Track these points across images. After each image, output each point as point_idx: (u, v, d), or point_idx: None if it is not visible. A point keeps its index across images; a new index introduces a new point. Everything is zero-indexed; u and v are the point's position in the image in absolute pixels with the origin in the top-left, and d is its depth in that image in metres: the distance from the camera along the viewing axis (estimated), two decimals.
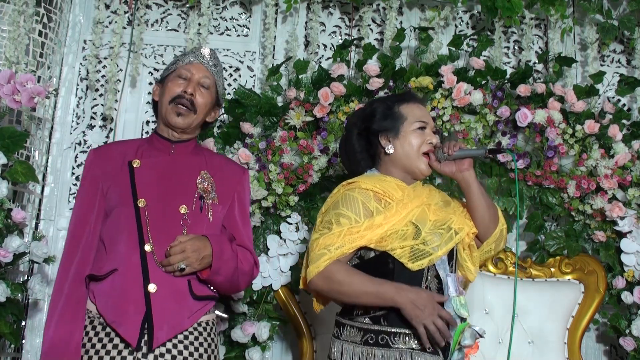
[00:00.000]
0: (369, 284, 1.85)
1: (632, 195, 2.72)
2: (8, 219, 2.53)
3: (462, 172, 2.01)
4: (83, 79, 3.10)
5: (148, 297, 1.89)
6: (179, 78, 2.09)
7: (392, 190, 1.95)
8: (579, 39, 3.21)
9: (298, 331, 2.68)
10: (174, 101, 2.06)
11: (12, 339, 2.51)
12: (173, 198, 2.00)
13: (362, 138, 2.08)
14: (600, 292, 2.73)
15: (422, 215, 1.94)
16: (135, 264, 1.92)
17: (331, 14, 3.22)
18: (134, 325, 1.87)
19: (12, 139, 2.55)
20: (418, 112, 2.05)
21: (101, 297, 1.93)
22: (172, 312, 1.91)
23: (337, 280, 1.86)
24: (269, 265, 2.66)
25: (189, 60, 2.12)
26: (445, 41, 3.02)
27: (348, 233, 1.88)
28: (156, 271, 1.92)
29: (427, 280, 1.90)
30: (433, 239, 1.90)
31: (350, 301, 1.90)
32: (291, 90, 2.81)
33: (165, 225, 1.96)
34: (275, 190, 2.69)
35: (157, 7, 3.19)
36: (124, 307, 1.89)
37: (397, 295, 1.81)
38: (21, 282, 2.69)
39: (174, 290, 1.93)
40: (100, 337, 1.90)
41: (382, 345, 1.83)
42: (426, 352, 1.83)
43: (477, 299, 2.64)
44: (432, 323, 1.80)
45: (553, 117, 2.76)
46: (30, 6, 2.81)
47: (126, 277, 1.91)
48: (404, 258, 1.87)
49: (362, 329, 1.87)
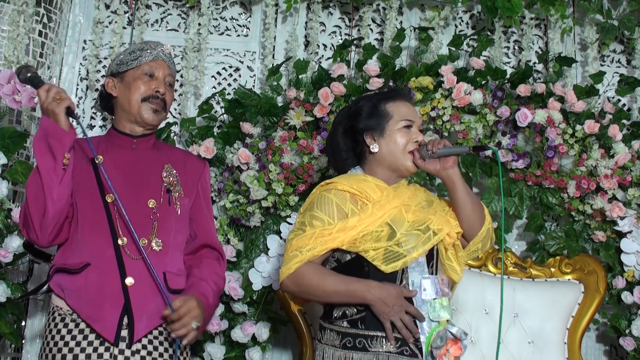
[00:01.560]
0: (339, 283, 1.86)
1: (632, 195, 2.72)
2: (8, 219, 2.53)
3: (447, 170, 1.97)
4: (83, 79, 3.10)
5: (126, 290, 1.88)
6: (144, 75, 2.06)
7: (370, 191, 1.94)
8: (579, 39, 3.21)
9: (298, 331, 2.67)
10: (147, 100, 2.04)
11: (12, 339, 2.51)
12: (140, 192, 2.00)
13: (348, 136, 2.07)
14: (600, 292, 2.73)
15: (399, 216, 1.92)
16: (110, 258, 1.90)
17: (331, 14, 3.22)
18: (111, 320, 1.85)
19: (12, 139, 2.56)
20: (404, 110, 2.02)
21: (73, 292, 1.89)
22: (150, 305, 1.90)
23: (307, 281, 1.88)
24: (269, 265, 2.66)
25: (153, 57, 2.08)
26: (445, 41, 3.02)
27: (320, 235, 1.89)
28: (131, 264, 1.91)
29: (402, 282, 1.88)
30: (408, 241, 1.88)
31: (323, 301, 1.93)
32: (291, 90, 2.81)
33: (136, 219, 1.94)
34: (275, 190, 2.69)
35: (157, 7, 3.19)
36: (100, 302, 1.86)
37: (367, 293, 1.82)
38: (21, 282, 2.69)
39: (150, 284, 1.92)
40: (74, 334, 1.87)
41: (359, 348, 1.84)
42: (404, 355, 1.82)
43: (477, 299, 2.64)
44: (398, 319, 1.80)
45: (553, 117, 2.76)
46: (30, 6, 2.81)
47: (101, 272, 1.89)
48: (377, 260, 1.86)
49: (340, 333, 1.88)
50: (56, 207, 1.87)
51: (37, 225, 1.88)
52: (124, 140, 2.08)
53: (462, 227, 2.01)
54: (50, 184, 1.85)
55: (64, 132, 1.85)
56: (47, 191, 1.85)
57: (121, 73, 2.08)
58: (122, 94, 2.07)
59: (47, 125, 1.86)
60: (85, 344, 1.86)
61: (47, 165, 1.85)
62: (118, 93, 2.09)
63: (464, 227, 2.01)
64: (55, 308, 1.93)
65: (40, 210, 1.86)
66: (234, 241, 2.69)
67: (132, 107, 2.05)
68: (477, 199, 2.02)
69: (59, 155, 1.85)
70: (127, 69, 2.07)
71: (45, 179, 1.84)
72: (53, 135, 1.85)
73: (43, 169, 1.85)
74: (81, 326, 1.88)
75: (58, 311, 1.92)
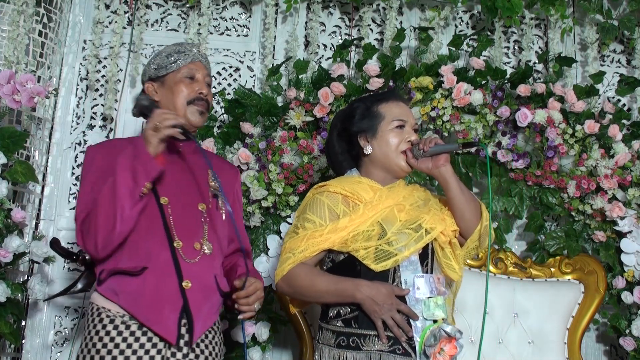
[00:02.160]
0: (330, 283, 1.89)
1: (632, 195, 2.72)
2: (8, 219, 2.53)
3: (439, 168, 1.97)
4: (83, 79, 3.10)
5: (184, 293, 1.87)
6: (186, 78, 2.06)
7: (363, 192, 1.96)
8: (579, 39, 3.21)
9: (298, 331, 2.68)
10: (192, 102, 2.04)
11: (12, 339, 2.51)
12: (191, 196, 2.00)
13: (343, 139, 2.10)
14: (600, 292, 2.73)
15: (391, 216, 1.93)
16: (166, 261, 1.88)
17: (331, 14, 3.22)
18: (172, 322, 1.84)
19: (12, 139, 2.55)
20: (396, 110, 2.04)
21: (129, 295, 1.86)
22: (204, 308, 1.91)
23: (300, 282, 1.91)
24: (269, 265, 2.67)
25: (192, 59, 2.09)
26: (445, 41, 3.02)
27: (311, 237, 1.92)
28: (187, 267, 1.90)
29: (394, 281, 1.89)
30: (399, 239, 1.89)
31: (316, 301, 1.97)
32: (291, 90, 2.81)
33: (189, 222, 1.95)
34: (275, 190, 2.69)
35: (157, 7, 3.19)
36: (160, 305, 1.85)
37: (356, 292, 1.84)
38: (21, 282, 2.69)
39: (204, 286, 1.92)
40: (125, 336, 1.84)
41: (353, 347, 1.85)
42: (396, 354, 1.83)
43: (477, 299, 2.64)
44: (390, 317, 1.81)
45: (553, 117, 2.76)
46: (30, 6, 2.81)
47: (159, 275, 1.87)
48: (368, 259, 1.88)
49: (335, 332, 1.90)
50: (123, 228, 1.83)
51: (102, 240, 1.84)
52: (170, 143, 2.02)
53: (458, 225, 2.02)
54: (123, 203, 1.81)
55: (152, 160, 1.83)
56: (119, 209, 1.81)
57: (161, 77, 2.07)
58: (166, 97, 2.06)
59: (140, 147, 1.83)
60: (137, 346, 1.84)
61: (127, 184, 1.81)
62: (160, 97, 2.07)
63: (459, 224, 2.01)
64: (102, 309, 1.89)
65: (108, 227, 1.82)
66: None
67: (178, 111, 2.02)
68: (472, 197, 2.02)
69: (140, 181, 1.82)
70: (167, 73, 2.06)
71: (119, 197, 1.81)
72: (142, 160, 1.82)
73: (121, 186, 1.81)
74: (132, 328, 1.85)
75: (106, 312, 1.88)
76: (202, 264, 1.93)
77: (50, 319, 2.88)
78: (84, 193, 1.95)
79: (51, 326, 2.88)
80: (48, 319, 2.88)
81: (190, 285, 1.88)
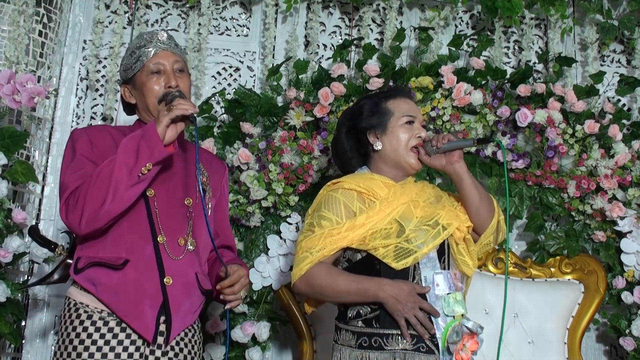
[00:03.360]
0: (351, 282, 1.86)
1: (632, 195, 2.73)
2: (8, 219, 2.53)
3: (453, 165, 1.96)
4: (83, 79, 3.10)
5: (164, 289, 1.84)
6: (152, 75, 1.95)
7: (377, 188, 1.94)
8: (579, 39, 3.21)
9: (298, 331, 2.68)
10: (162, 100, 1.94)
11: (12, 339, 2.51)
12: (178, 190, 1.95)
13: (351, 137, 2.08)
14: (600, 292, 2.73)
15: (407, 213, 1.92)
16: (149, 255, 1.84)
17: (331, 14, 3.22)
18: (150, 318, 1.81)
19: (12, 139, 2.55)
20: (405, 106, 2.03)
21: (109, 289, 1.81)
22: (184, 306, 1.88)
23: (319, 282, 1.88)
24: (269, 265, 2.67)
25: (154, 52, 1.96)
26: (445, 41, 3.02)
27: (329, 235, 1.89)
28: (169, 263, 1.86)
29: (414, 279, 1.88)
30: (417, 236, 1.88)
31: (335, 301, 1.93)
32: (291, 90, 2.81)
33: (174, 217, 1.91)
34: (275, 190, 2.69)
35: (157, 7, 3.19)
36: (139, 300, 1.80)
37: (379, 291, 1.82)
38: (21, 282, 2.69)
39: (185, 283, 1.88)
40: (103, 332, 1.80)
41: (375, 347, 1.83)
42: (420, 352, 1.81)
43: (477, 299, 2.64)
44: (412, 316, 1.80)
45: (553, 117, 2.76)
46: (30, 6, 2.81)
47: (140, 269, 1.82)
48: (388, 258, 1.86)
49: (356, 333, 1.87)
50: (113, 207, 1.75)
51: (88, 214, 1.75)
52: None
53: (472, 221, 2.01)
54: (119, 181, 1.73)
55: (158, 140, 1.75)
56: (112, 186, 1.73)
57: (131, 79, 2.00)
58: (139, 100, 1.99)
59: (149, 127, 1.76)
60: (115, 342, 1.79)
61: (126, 162, 1.73)
62: (136, 100, 2.00)
63: (473, 220, 2.01)
64: (80, 305, 1.84)
65: (98, 202, 1.74)
66: None
67: (153, 112, 1.96)
68: (485, 192, 2.02)
69: (142, 159, 1.74)
70: (134, 74, 1.98)
71: (116, 173, 1.73)
72: (148, 138, 1.75)
73: (119, 163, 1.73)
74: (110, 324, 1.81)
75: (84, 308, 1.83)
76: (185, 261, 1.89)
77: (50, 319, 2.88)
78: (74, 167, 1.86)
79: (51, 326, 2.88)
80: (48, 319, 2.88)
81: (171, 281, 1.84)
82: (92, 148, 1.89)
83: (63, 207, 1.81)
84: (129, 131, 1.98)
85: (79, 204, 1.77)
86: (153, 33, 2.01)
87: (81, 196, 1.76)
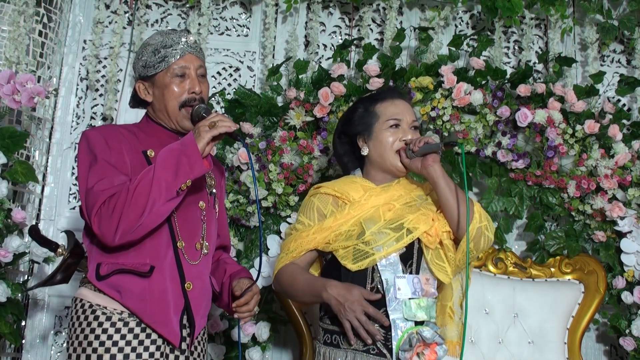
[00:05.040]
0: (305, 282, 1.93)
1: (632, 195, 2.72)
2: (8, 219, 2.53)
3: (427, 168, 1.94)
4: (83, 79, 3.10)
5: (186, 294, 1.84)
6: (176, 77, 1.92)
7: (353, 192, 1.98)
8: (579, 39, 3.20)
9: (298, 331, 2.67)
10: (184, 106, 1.92)
11: (12, 339, 2.51)
12: (192, 193, 1.91)
13: (344, 141, 2.13)
14: (600, 292, 2.73)
15: (375, 215, 1.93)
16: (171, 261, 1.84)
17: (331, 14, 3.22)
18: (175, 323, 1.81)
19: (12, 139, 2.55)
20: (392, 109, 2.02)
21: (135, 295, 1.79)
22: (202, 309, 1.90)
23: (284, 281, 1.98)
24: (269, 265, 2.66)
25: (180, 54, 1.92)
26: (445, 41, 3.02)
27: (299, 237, 1.98)
28: (189, 268, 1.87)
29: (373, 281, 1.88)
30: (376, 239, 1.88)
31: (300, 300, 2.06)
32: (291, 90, 2.81)
33: (191, 221, 1.91)
34: (275, 190, 2.69)
35: (157, 7, 3.19)
36: (166, 307, 1.80)
37: (323, 291, 1.86)
38: (21, 282, 2.69)
39: (202, 287, 1.90)
40: (123, 333, 1.78)
41: (334, 345, 1.89)
42: (370, 354, 1.83)
43: (477, 299, 2.64)
44: (355, 319, 1.81)
45: (553, 117, 2.75)
46: (30, 6, 2.81)
47: (164, 275, 1.82)
48: (346, 259, 1.90)
49: (324, 329, 1.95)
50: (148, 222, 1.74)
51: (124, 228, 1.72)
52: (169, 135, 1.95)
53: (450, 226, 1.97)
54: (156, 196, 1.71)
55: (199, 157, 1.73)
56: (150, 202, 1.71)
57: (151, 77, 1.94)
58: (157, 100, 1.94)
59: (189, 143, 1.74)
60: (136, 343, 1.79)
61: (165, 177, 1.72)
62: (153, 99, 1.95)
63: (450, 226, 1.97)
64: (97, 307, 1.81)
65: (134, 215, 1.71)
66: (234, 241, 2.69)
67: (171, 115, 1.93)
68: (463, 197, 1.94)
69: (181, 176, 1.72)
70: (156, 72, 1.92)
71: (155, 189, 1.71)
72: (188, 155, 1.73)
73: (158, 177, 1.71)
74: (131, 325, 1.79)
75: (101, 310, 1.80)
76: (201, 265, 1.91)
77: (50, 319, 2.88)
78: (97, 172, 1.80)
79: (51, 326, 2.88)
80: (48, 319, 2.88)
81: (191, 286, 1.86)
82: (111, 151, 1.85)
83: (95, 218, 1.75)
84: (137, 129, 1.97)
85: (114, 217, 1.72)
86: (181, 34, 1.96)
87: (117, 209, 1.72)
